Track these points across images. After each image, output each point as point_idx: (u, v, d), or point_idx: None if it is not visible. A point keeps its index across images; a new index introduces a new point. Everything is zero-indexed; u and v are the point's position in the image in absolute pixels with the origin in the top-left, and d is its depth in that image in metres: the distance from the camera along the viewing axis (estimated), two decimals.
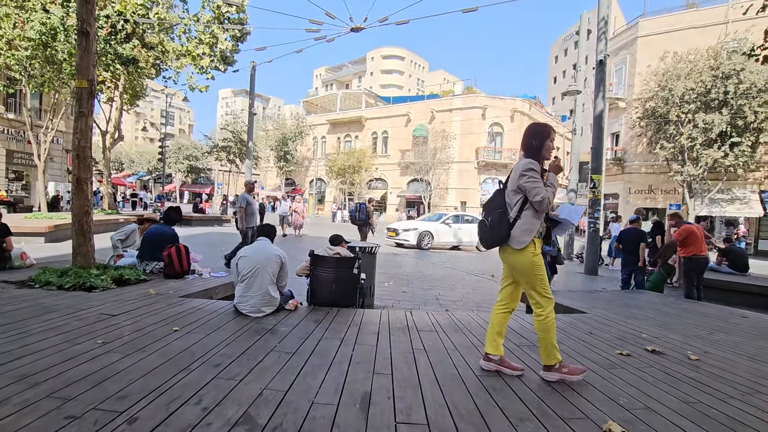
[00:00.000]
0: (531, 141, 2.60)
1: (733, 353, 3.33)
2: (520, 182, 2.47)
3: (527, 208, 2.48)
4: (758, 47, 5.77)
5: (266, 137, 38.61)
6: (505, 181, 2.63)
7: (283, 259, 3.67)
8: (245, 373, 2.34)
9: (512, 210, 2.50)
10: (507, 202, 2.54)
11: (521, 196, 2.49)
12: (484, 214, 2.66)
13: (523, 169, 2.47)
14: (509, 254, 2.53)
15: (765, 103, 17.57)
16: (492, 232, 2.54)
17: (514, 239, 2.47)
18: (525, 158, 2.57)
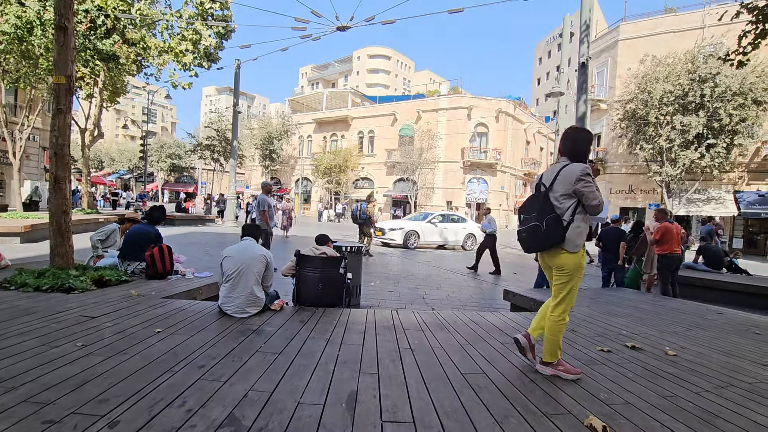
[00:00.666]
0: (578, 146, 2.65)
1: (709, 348, 3.45)
2: (576, 186, 2.49)
3: (579, 212, 2.52)
4: (732, 52, 5.97)
5: (251, 136, 38.21)
6: (549, 184, 2.60)
7: (269, 259, 3.65)
8: (230, 374, 2.32)
9: (565, 214, 2.51)
10: (555, 206, 2.54)
11: (575, 201, 2.52)
12: (534, 217, 2.59)
13: (581, 174, 2.48)
14: (560, 256, 2.54)
15: (739, 106, 18.17)
16: (548, 236, 2.52)
17: (569, 242, 2.50)
18: (574, 163, 2.57)
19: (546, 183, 2.63)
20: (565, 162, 2.61)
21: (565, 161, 2.62)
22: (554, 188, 2.57)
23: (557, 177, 2.57)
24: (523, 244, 2.71)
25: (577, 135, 2.68)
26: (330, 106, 43.00)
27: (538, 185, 2.69)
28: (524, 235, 2.67)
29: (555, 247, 2.53)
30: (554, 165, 2.69)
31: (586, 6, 8.28)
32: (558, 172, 2.58)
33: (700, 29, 21.57)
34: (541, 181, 2.68)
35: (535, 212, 2.60)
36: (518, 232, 2.78)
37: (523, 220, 2.70)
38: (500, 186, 31.64)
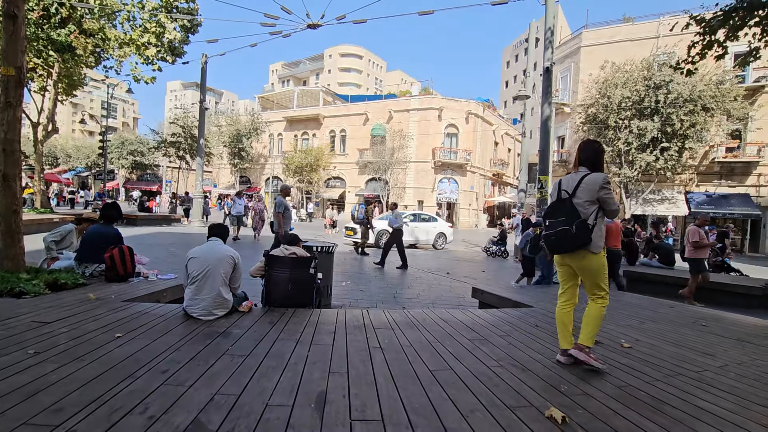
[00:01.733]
0: (596, 157, 2.93)
1: (660, 340, 3.67)
2: (599, 194, 2.76)
3: (600, 216, 2.79)
4: (683, 61, 6.37)
5: (219, 133, 37.14)
6: (572, 191, 2.83)
7: (236, 259, 3.57)
8: (195, 378, 2.27)
9: (590, 218, 2.76)
10: (581, 211, 2.77)
11: (597, 206, 2.78)
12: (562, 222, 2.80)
13: (603, 183, 2.77)
14: (584, 257, 2.79)
15: (690, 112, 19.34)
16: (577, 239, 2.73)
17: (594, 245, 2.74)
18: (595, 173, 2.85)
19: (568, 190, 2.87)
20: (586, 171, 2.88)
21: (584, 171, 2.90)
22: (578, 195, 2.82)
23: (580, 185, 2.82)
24: (551, 246, 2.93)
25: (595, 147, 2.97)
26: (301, 104, 42.44)
27: (559, 192, 2.94)
28: (553, 238, 2.87)
29: (582, 249, 2.76)
30: (573, 174, 2.95)
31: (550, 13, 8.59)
32: (580, 180, 2.83)
33: (654, 38, 22.79)
34: (562, 189, 2.92)
35: (562, 217, 2.82)
36: (546, 236, 2.97)
37: (549, 225, 2.91)
38: (470, 186, 32.26)
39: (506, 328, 3.75)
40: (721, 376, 2.81)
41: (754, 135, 21.59)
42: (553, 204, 2.97)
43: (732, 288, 7.46)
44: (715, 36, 5.78)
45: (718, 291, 7.46)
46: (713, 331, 4.17)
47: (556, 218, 2.86)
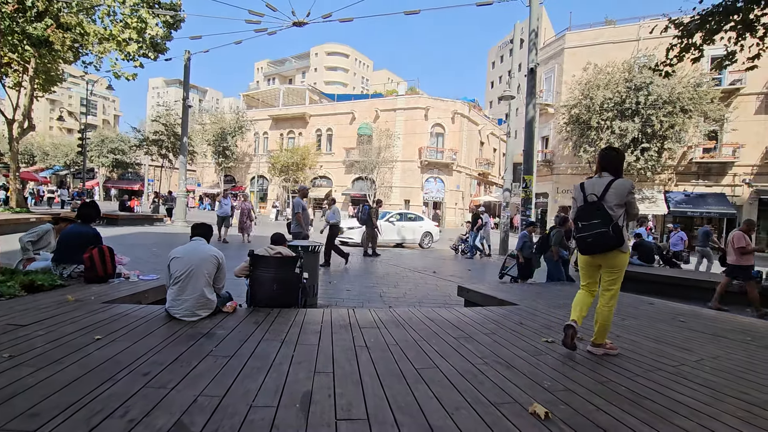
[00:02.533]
0: (618, 163, 3.16)
1: (640, 336, 3.76)
2: (627, 198, 3.00)
3: (625, 219, 3.03)
4: (661, 63, 6.52)
5: (203, 131, 36.59)
6: (600, 195, 3.03)
7: (220, 259, 3.53)
8: (178, 380, 2.23)
9: (620, 220, 2.98)
10: (611, 213, 2.97)
11: (624, 210, 3.02)
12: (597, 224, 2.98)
13: (631, 188, 3.03)
14: (616, 256, 3.01)
15: (669, 113, 19.85)
16: (612, 240, 2.94)
17: (625, 245, 2.99)
18: (621, 178, 3.08)
19: (596, 194, 3.06)
20: (610, 177, 3.08)
21: (608, 176, 3.10)
22: (607, 199, 3.01)
23: (609, 189, 3.02)
24: (587, 247, 3.08)
25: (619, 155, 3.21)
26: (287, 102, 42.09)
27: (585, 196, 3.14)
28: (590, 240, 3.03)
29: (615, 249, 2.97)
30: (597, 178, 3.16)
31: (534, 15, 8.71)
32: (608, 185, 3.03)
33: (635, 41, 23.31)
34: (589, 193, 3.13)
35: (596, 220, 2.99)
36: (581, 238, 3.11)
37: (582, 227, 3.09)
38: (456, 185, 32.50)
39: (491, 326, 3.79)
40: (698, 370, 2.89)
41: (729, 136, 22.28)
42: (582, 207, 3.15)
43: (708, 285, 7.68)
44: (692, 39, 5.94)
45: (693, 287, 7.68)
46: (690, 326, 4.29)
47: (590, 221, 3.03)
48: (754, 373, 2.89)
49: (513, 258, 8.13)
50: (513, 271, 8.00)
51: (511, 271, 8.02)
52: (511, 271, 8.04)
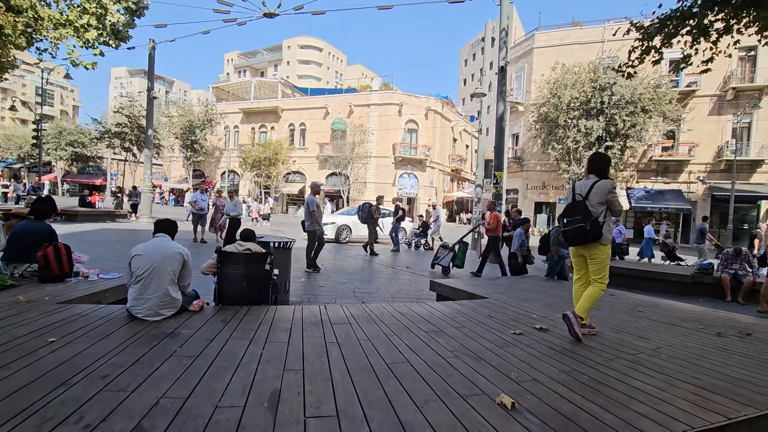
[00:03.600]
0: (603, 166, 3.56)
1: (602, 326, 3.91)
2: (608, 197, 3.40)
3: (607, 215, 3.41)
4: (624, 64, 6.79)
5: (170, 124, 35.23)
6: (585, 195, 3.46)
7: (186, 256, 3.41)
8: (139, 382, 2.14)
9: (600, 216, 3.38)
10: (591, 209, 3.38)
11: (605, 207, 3.41)
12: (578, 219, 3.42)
13: (611, 188, 3.42)
14: (596, 247, 3.43)
15: (631, 113, 20.73)
16: (591, 233, 3.36)
17: (604, 237, 3.39)
18: (604, 180, 3.47)
19: (582, 194, 3.49)
20: (595, 179, 3.48)
21: (594, 178, 3.50)
22: (590, 198, 3.43)
23: (592, 189, 3.44)
24: (569, 239, 3.53)
25: (604, 159, 3.63)
26: (258, 96, 41.13)
27: (574, 195, 3.56)
28: (571, 233, 3.48)
29: (594, 241, 3.39)
30: (585, 180, 3.56)
31: (504, 14, 8.84)
32: (592, 185, 3.45)
33: (600, 42, 24.16)
34: (576, 192, 3.55)
35: (578, 216, 3.44)
36: (564, 231, 3.56)
37: (567, 222, 3.53)
38: (430, 181, 32.77)
39: (461, 320, 3.85)
40: (654, 357, 3.04)
41: (685, 136, 23.52)
42: (569, 205, 3.58)
43: (666, 276, 8.10)
44: (652, 42, 6.21)
45: (654, 279, 8.07)
46: (648, 316, 4.50)
47: (573, 217, 3.47)
48: (706, 359, 3.06)
49: (445, 248, 8.42)
50: (444, 261, 8.35)
51: (443, 261, 8.35)
52: (442, 261, 8.37)
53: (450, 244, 8.65)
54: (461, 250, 8.49)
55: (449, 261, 8.37)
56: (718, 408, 2.20)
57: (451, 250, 8.45)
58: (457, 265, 8.47)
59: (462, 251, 8.51)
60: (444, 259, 8.39)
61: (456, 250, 8.44)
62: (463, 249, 8.53)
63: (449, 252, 8.41)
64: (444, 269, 8.41)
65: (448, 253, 8.40)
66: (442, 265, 8.41)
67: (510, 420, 1.96)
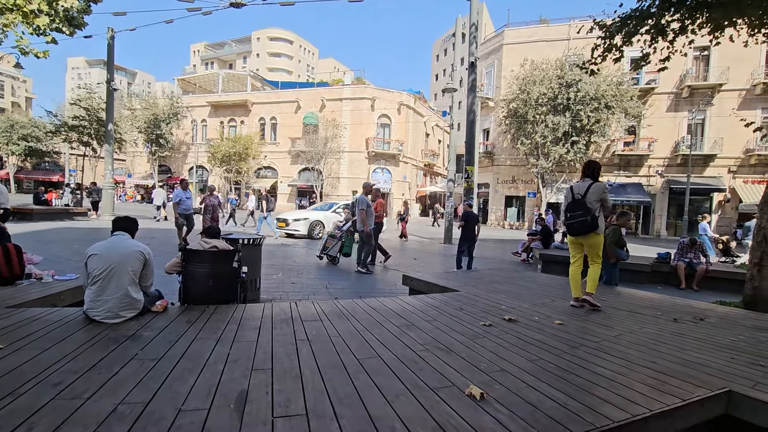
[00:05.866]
0: (595, 171, 4.45)
1: (567, 315, 4.04)
2: (602, 196, 4.31)
3: (600, 210, 4.33)
4: (587, 62, 7.00)
5: (133, 117, 33.66)
6: (583, 194, 4.33)
7: (147, 255, 3.26)
8: (95, 388, 2.04)
9: (596, 211, 4.29)
10: (589, 207, 4.27)
11: (600, 204, 4.31)
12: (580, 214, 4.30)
13: (605, 189, 4.34)
14: (592, 237, 4.36)
15: (595, 109, 21.50)
16: (591, 225, 4.26)
17: (599, 228, 4.32)
18: (599, 182, 4.41)
19: (581, 194, 4.36)
20: (591, 181, 4.39)
21: (589, 180, 4.41)
22: (588, 197, 4.32)
23: (589, 190, 4.33)
24: (574, 230, 4.42)
25: (595, 165, 4.50)
26: (227, 88, 39.97)
27: (573, 195, 4.42)
28: (576, 225, 4.36)
29: (592, 232, 4.30)
30: (581, 182, 4.46)
31: (474, 9, 8.92)
32: (588, 187, 4.35)
33: (566, 40, 24.84)
34: (575, 193, 4.42)
35: (580, 212, 4.32)
36: (570, 224, 4.42)
37: (571, 217, 4.40)
38: (403, 176, 32.89)
39: (433, 313, 3.89)
40: (616, 344, 3.17)
41: (645, 131, 24.61)
42: (571, 203, 4.44)
43: (627, 266, 8.45)
44: (613, 40, 6.43)
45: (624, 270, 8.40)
46: (611, 304, 4.69)
47: (575, 212, 4.35)
48: (663, 344, 3.22)
49: (333, 238, 8.57)
50: (333, 251, 8.53)
51: (331, 251, 8.53)
52: (331, 251, 8.55)
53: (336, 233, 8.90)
54: (348, 239, 8.67)
55: (337, 251, 8.57)
56: (673, 390, 2.32)
57: (339, 239, 8.66)
58: (345, 253, 8.62)
59: (349, 240, 8.69)
60: (333, 249, 8.59)
61: (344, 239, 8.61)
62: (350, 238, 8.70)
63: (338, 241, 8.62)
64: (332, 259, 8.64)
65: (336, 242, 8.62)
66: (331, 255, 8.60)
67: (478, 410, 1.98)
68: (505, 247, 14.35)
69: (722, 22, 5.97)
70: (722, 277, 7.93)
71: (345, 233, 8.76)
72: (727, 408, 2.37)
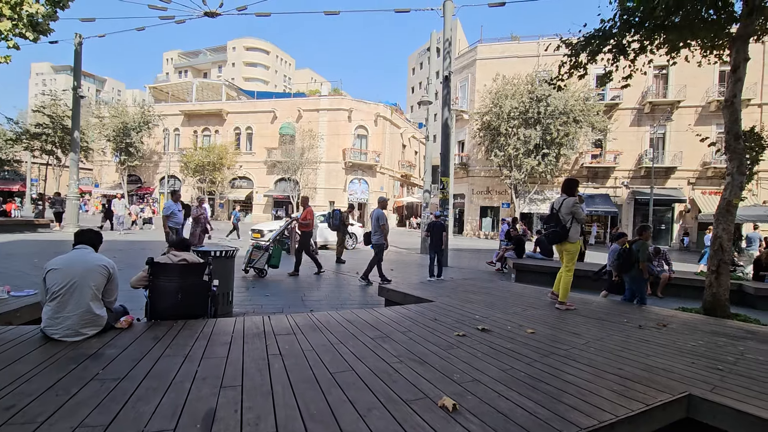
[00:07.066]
0: (570, 188, 5.08)
1: (539, 324, 4.13)
2: (572, 209, 4.90)
3: (574, 222, 4.92)
4: (554, 78, 7.30)
5: (101, 125, 32.52)
6: (558, 209, 5.02)
7: (111, 269, 3.13)
8: (51, 411, 1.93)
9: (568, 223, 4.92)
10: (562, 218, 4.94)
11: (572, 216, 4.91)
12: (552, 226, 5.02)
13: (574, 204, 4.93)
14: (567, 245, 5.00)
15: (564, 123, 22.33)
16: (560, 235, 4.95)
17: (571, 237, 4.95)
18: (570, 197, 5.01)
19: (557, 207, 5.04)
20: (565, 197, 5.03)
21: (564, 196, 5.05)
22: (561, 210, 4.98)
23: (562, 204, 4.99)
24: (549, 240, 5.15)
25: (572, 183, 5.14)
26: (201, 97, 39.31)
27: (552, 208, 5.12)
28: (550, 236, 5.08)
29: (564, 241, 4.97)
30: (559, 197, 5.10)
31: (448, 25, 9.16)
32: (562, 202, 5.01)
33: (536, 57, 25.79)
34: (554, 206, 5.09)
35: (552, 223, 5.03)
36: (545, 234, 5.27)
37: (546, 228, 5.25)
38: (380, 187, 33.02)
39: (407, 324, 3.89)
40: (584, 351, 3.26)
41: (611, 145, 25.69)
42: (548, 216, 5.18)
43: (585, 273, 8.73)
44: (579, 58, 6.74)
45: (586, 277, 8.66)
46: (581, 313, 4.83)
47: (549, 224, 5.10)
48: (628, 351, 3.33)
49: (260, 249, 8.28)
50: (260, 263, 8.20)
51: (258, 263, 8.20)
52: (257, 264, 8.21)
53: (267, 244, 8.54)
54: (276, 250, 8.46)
55: (265, 263, 8.25)
56: (638, 396, 2.40)
57: (266, 250, 8.30)
58: (272, 264, 8.35)
59: (277, 250, 8.50)
60: (259, 261, 8.22)
61: (271, 250, 8.35)
62: (278, 248, 8.53)
63: (264, 253, 8.27)
64: (260, 271, 8.32)
65: (263, 254, 8.29)
66: (258, 268, 8.24)
67: (451, 422, 1.99)
68: (480, 257, 14.57)
69: (678, 43, 6.36)
70: (684, 284, 8.31)
71: (273, 244, 8.44)
72: (687, 411, 2.46)
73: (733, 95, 5.70)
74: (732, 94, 5.72)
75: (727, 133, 5.77)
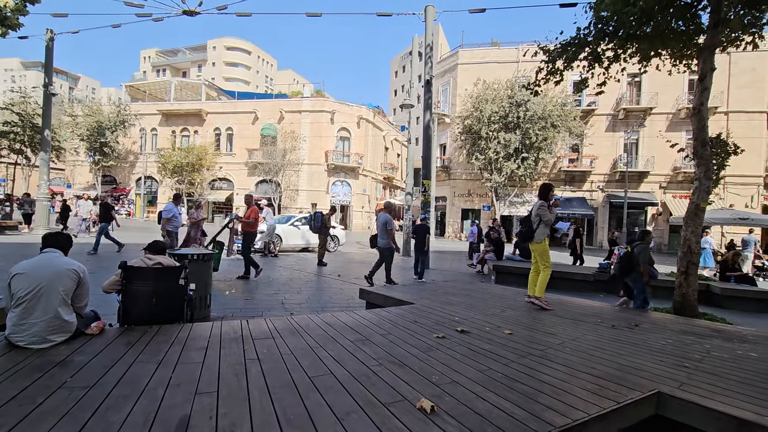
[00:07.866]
0: (544, 193, 5.39)
1: (517, 325, 4.20)
2: (538, 212, 5.24)
3: (541, 224, 5.23)
4: (532, 84, 7.46)
5: (74, 124, 31.47)
6: (529, 213, 5.40)
7: (81, 273, 3.02)
8: (13, 423, 1.85)
9: (534, 225, 5.27)
10: (533, 221, 5.29)
11: (539, 219, 5.23)
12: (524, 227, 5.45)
13: (540, 206, 5.27)
14: (533, 245, 5.36)
15: (542, 128, 22.82)
16: (526, 236, 5.37)
17: (536, 238, 5.28)
18: (540, 201, 5.35)
19: (529, 210, 5.41)
20: (539, 201, 5.33)
21: (538, 200, 5.37)
22: (532, 213, 5.36)
23: (533, 208, 5.36)
24: (520, 239, 5.67)
25: (544, 187, 5.46)
26: (180, 97, 38.49)
27: (529, 212, 5.41)
28: (518, 235, 5.66)
29: (530, 241, 5.36)
30: (536, 201, 5.39)
31: (429, 31, 9.26)
32: (534, 205, 5.36)
33: (516, 62, 26.30)
34: (530, 209, 5.41)
35: (523, 224, 5.49)
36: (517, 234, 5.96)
37: (520, 229, 5.60)
38: (363, 189, 32.99)
39: (387, 326, 3.90)
40: (560, 351, 3.33)
41: (588, 149, 26.39)
42: (524, 218, 5.51)
43: (572, 276, 8.94)
44: (555, 65, 6.91)
45: (562, 279, 8.87)
46: (557, 314, 4.93)
47: (522, 226, 5.53)
48: (602, 350, 3.42)
49: None
50: None
51: None
52: None
53: None
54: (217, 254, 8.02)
55: None
56: (610, 394, 2.46)
57: None
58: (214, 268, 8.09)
59: (217, 255, 8.05)
60: None
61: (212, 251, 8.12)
62: (218, 249, 8.11)
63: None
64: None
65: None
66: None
67: (428, 424, 2.00)
68: (461, 259, 14.72)
69: (649, 52, 6.60)
70: (657, 285, 8.57)
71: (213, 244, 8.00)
72: (657, 408, 2.54)
73: (701, 103, 5.94)
74: (699, 102, 5.96)
75: (695, 140, 6.00)
